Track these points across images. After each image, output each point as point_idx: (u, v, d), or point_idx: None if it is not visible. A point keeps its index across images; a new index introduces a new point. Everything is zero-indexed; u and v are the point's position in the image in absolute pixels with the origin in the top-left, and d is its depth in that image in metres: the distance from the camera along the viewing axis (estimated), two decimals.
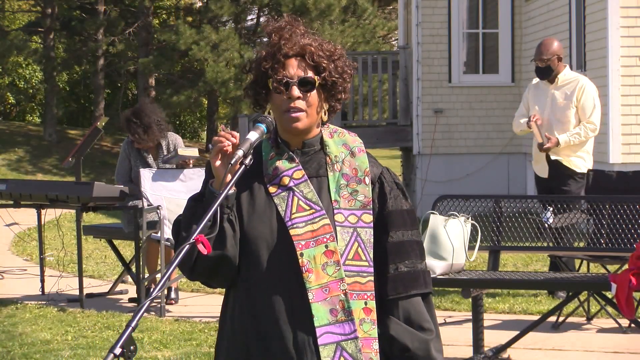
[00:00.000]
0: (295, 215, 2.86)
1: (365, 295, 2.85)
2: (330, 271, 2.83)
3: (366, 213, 2.90)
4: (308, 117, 2.90)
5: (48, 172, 24.67)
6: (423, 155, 16.86)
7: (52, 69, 26.87)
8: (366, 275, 2.87)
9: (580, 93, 8.93)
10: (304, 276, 2.82)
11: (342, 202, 2.89)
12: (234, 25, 26.32)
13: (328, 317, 2.82)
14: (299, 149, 2.94)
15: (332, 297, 2.82)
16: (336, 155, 2.93)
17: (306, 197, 2.88)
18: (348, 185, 2.90)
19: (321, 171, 2.92)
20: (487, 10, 17.42)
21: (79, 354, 7.25)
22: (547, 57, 8.91)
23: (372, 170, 2.95)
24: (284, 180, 2.90)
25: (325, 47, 2.92)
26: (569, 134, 8.89)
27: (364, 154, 2.95)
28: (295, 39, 2.91)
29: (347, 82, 2.94)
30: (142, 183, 8.96)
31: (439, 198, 7.44)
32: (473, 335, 6.93)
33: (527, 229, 7.52)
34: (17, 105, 34.68)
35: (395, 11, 28.27)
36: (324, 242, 2.84)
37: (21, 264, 11.75)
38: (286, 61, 2.89)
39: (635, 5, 13.17)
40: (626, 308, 6.23)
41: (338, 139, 2.96)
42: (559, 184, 8.97)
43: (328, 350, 2.80)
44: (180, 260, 2.69)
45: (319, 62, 2.89)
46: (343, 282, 2.83)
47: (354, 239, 2.87)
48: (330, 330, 2.81)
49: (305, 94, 2.88)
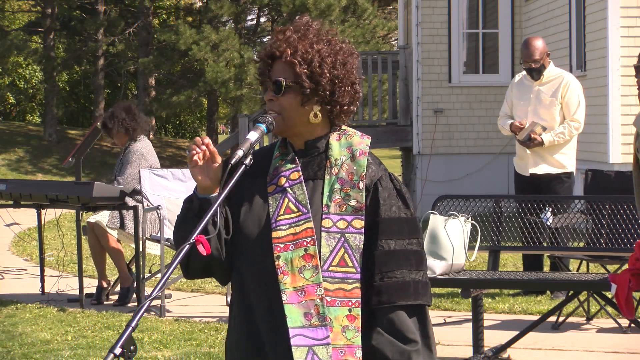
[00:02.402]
0: (281, 217, 2.86)
1: (349, 302, 2.82)
2: (308, 275, 2.82)
3: (357, 219, 2.86)
4: (283, 120, 2.89)
5: (48, 172, 24.68)
6: (423, 155, 16.86)
7: (52, 69, 26.88)
8: (352, 282, 2.83)
9: (564, 90, 8.92)
10: (279, 278, 2.82)
11: (333, 207, 2.86)
12: (234, 25, 26.33)
13: (302, 319, 2.81)
14: (302, 150, 2.94)
15: (307, 301, 2.81)
16: (337, 158, 2.91)
17: (297, 199, 2.88)
18: (342, 190, 2.88)
19: (319, 173, 2.91)
20: (487, 10, 17.42)
21: (79, 354, 7.25)
22: (539, 58, 8.91)
23: (369, 175, 2.90)
24: (281, 181, 2.91)
25: (309, 50, 2.87)
26: (553, 133, 8.87)
27: (365, 157, 2.91)
28: (281, 40, 2.89)
29: (341, 85, 2.89)
30: (142, 183, 8.97)
31: (439, 198, 7.44)
32: (473, 335, 6.93)
33: (526, 229, 7.53)
34: (17, 105, 34.70)
35: (395, 11, 28.27)
36: (304, 245, 2.83)
37: (21, 264, 11.75)
38: (273, 62, 2.91)
39: (635, 5, 13.18)
40: (626, 308, 6.23)
41: (344, 141, 2.94)
42: (546, 186, 8.94)
43: (300, 352, 2.79)
44: (180, 260, 2.71)
45: (293, 63, 2.86)
46: (320, 287, 2.81)
47: (340, 244, 2.84)
48: (303, 334, 2.80)
49: (275, 96, 2.89)
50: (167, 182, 9.15)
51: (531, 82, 9.01)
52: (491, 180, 16.38)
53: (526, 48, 8.97)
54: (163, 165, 12.17)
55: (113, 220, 9.15)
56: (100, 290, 9.36)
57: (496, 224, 7.57)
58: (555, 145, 8.91)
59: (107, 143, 27.07)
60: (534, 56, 8.88)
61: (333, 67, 2.88)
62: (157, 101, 26.18)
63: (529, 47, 8.93)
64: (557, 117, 8.93)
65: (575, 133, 8.93)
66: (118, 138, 9.37)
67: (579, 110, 8.92)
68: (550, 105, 8.93)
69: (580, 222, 8.00)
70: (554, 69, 9.09)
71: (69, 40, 29.88)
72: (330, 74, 2.88)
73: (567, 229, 7.97)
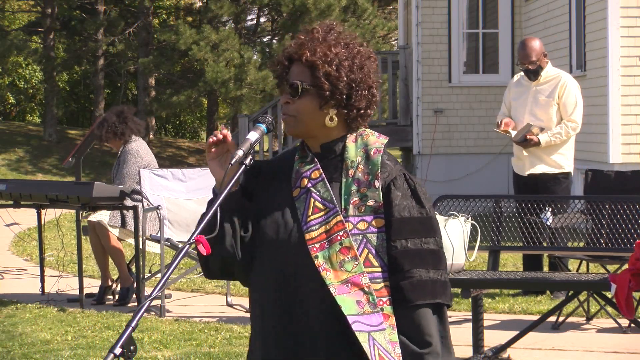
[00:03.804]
0: (310, 218, 2.85)
1: (381, 301, 2.81)
2: (349, 267, 2.81)
3: (378, 218, 2.85)
4: (298, 122, 2.88)
5: (48, 172, 24.68)
6: (423, 155, 16.87)
7: (52, 69, 26.87)
8: (380, 281, 2.82)
9: (562, 90, 8.91)
10: (322, 274, 2.80)
11: (351, 210, 2.86)
12: (234, 25, 26.33)
13: (355, 307, 2.79)
14: (319, 153, 2.93)
15: (355, 291, 2.80)
16: (353, 160, 2.90)
17: (322, 196, 2.87)
18: (359, 191, 2.87)
19: (335, 176, 2.90)
20: (487, 10, 17.43)
21: (79, 354, 7.25)
22: (537, 58, 8.91)
23: (383, 173, 2.89)
24: (303, 182, 2.90)
25: (328, 52, 2.86)
26: (550, 133, 8.86)
27: (379, 155, 2.90)
28: (306, 44, 2.88)
29: (358, 89, 2.88)
30: (142, 183, 8.97)
31: (439, 198, 7.44)
32: (473, 335, 6.93)
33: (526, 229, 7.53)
34: (17, 105, 34.69)
35: (395, 11, 28.28)
36: (338, 239, 2.82)
37: (21, 264, 11.75)
38: (291, 66, 2.90)
39: (635, 5, 13.18)
40: (626, 308, 6.23)
41: (360, 142, 2.93)
42: (544, 186, 8.94)
43: (363, 337, 2.77)
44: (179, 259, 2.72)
45: (314, 67, 2.85)
46: (364, 276, 2.80)
47: (363, 245, 2.84)
48: (360, 320, 2.78)
49: (292, 99, 2.88)
50: (167, 182, 9.15)
51: (529, 82, 9.01)
52: (491, 180, 16.38)
53: (522, 49, 8.97)
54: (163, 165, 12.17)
55: (114, 218, 9.16)
56: (104, 289, 9.36)
57: (496, 224, 7.57)
58: (553, 145, 8.91)
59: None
60: (530, 57, 8.88)
61: (350, 71, 2.88)
62: (157, 101, 26.17)
63: (525, 48, 8.93)
64: (554, 117, 8.92)
65: (572, 133, 8.93)
66: (112, 143, 9.44)
67: (576, 110, 8.92)
68: (547, 106, 8.93)
69: (580, 222, 8.00)
70: (552, 69, 9.09)
71: (69, 40, 29.87)
72: (347, 78, 2.87)
73: (567, 229, 7.97)
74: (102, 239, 9.19)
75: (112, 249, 9.18)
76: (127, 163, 9.20)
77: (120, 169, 9.23)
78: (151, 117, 28.07)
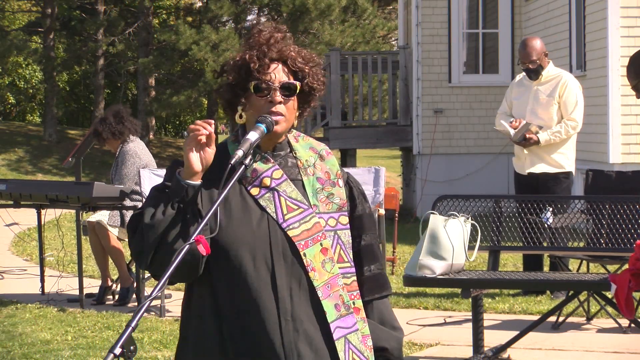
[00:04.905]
0: (288, 216, 2.87)
1: (352, 295, 2.91)
2: (329, 268, 2.87)
3: (342, 215, 2.95)
4: (286, 121, 2.93)
5: (48, 172, 24.68)
6: (423, 155, 16.87)
7: (52, 69, 26.88)
8: (350, 276, 2.93)
9: (562, 89, 8.93)
10: (310, 275, 2.85)
11: (321, 207, 2.93)
12: (234, 25, 26.33)
13: (334, 312, 2.87)
14: (270, 152, 2.95)
15: (334, 293, 2.87)
16: (306, 159, 2.97)
17: (290, 196, 2.89)
18: (324, 189, 2.95)
19: (293, 175, 2.94)
20: (487, 10, 17.42)
21: (79, 354, 7.25)
22: (536, 58, 8.92)
23: (343, 173, 3.02)
24: (265, 181, 2.90)
25: (304, 55, 2.97)
26: (550, 132, 8.88)
27: (332, 156, 3.02)
28: (279, 45, 2.95)
29: (322, 90, 3.01)
30: (142, 183, 8.97)
31: (439, 198, 7.44)
32: (473, 335, 6.93)
33: (526, 229, 7.53)
34: (17, 105, 34.70)
35: (395, 11, 28.28)
36: (319, 240, 2.88)
37: (21, 264, 11.76)
38: (271, 65, 2.93)
39: (635, 5, 13.18)
40: (626, 308, 6.23)
41: (304, 143, 3.01)
42: (544, 186, 8.94)
43: (340, 345, 2.86)
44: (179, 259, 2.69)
45: (300, 69, 2.95)
46: (340, 277, 2.89)
47: (335, 242, 2.92)
48: (339, 325, 2.87)
49: (286, 99, 2.92)
50: None
51: (530, 82, 9.04)
52: (491, 180, 16.38)
53: (523, 49, 8.99)
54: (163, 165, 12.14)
55: (114, 218, 9.16)
56: (104, 289, 9.36)
57: (496, 224, 7.57)
58: (553, 144, 8.91)
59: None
60: (531, 57, 8.90)
61: (320, 72, 3.02)
62: (157, 101, 26.17)
63: (526, 48, 8.96)
64: (554, 116, 8.94)
65: (572, 132, 8.94)
66: (110, 144, 9.43)
67: (577, 109, 8.93)
68: (548, 105, 8.94)
69: (581, 222, 8.00)
70: (553, 69, 9.11)
71: (69, 40, 29.87)
72: (318, 78, 2.99)
73: (567, 229, 7.97)
74: (101, 239, 9.19)
75: (111, 249, 9.18)
76: (125, 164, 9.20)
77: (118, 170, 9.23)
78: (151, 117, 28.08)
